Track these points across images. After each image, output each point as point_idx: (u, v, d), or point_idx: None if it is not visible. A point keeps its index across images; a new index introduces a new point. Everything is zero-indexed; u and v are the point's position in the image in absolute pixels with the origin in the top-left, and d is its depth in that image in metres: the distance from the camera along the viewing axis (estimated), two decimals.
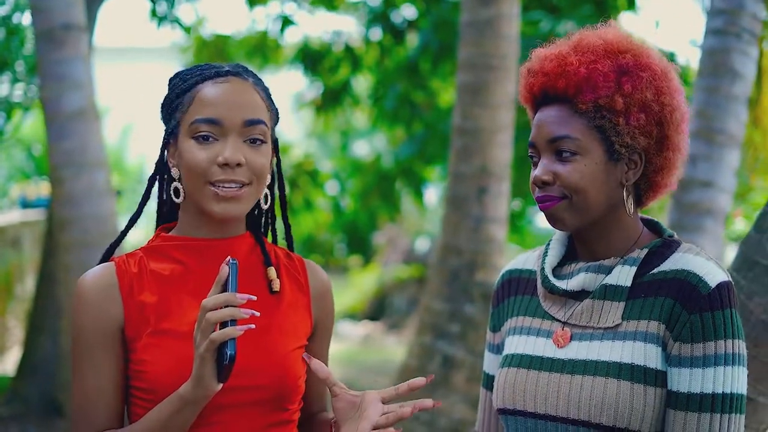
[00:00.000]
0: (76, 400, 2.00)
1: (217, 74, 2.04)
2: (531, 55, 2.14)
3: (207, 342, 1.79)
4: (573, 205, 2.02)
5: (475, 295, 5.27)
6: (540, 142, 2.05)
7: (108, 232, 5.36)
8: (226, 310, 1.79)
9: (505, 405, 2.11)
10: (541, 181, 2.03)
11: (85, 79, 5.41)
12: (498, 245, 5.34)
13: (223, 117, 1.99)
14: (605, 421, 1.95)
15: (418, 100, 9.26)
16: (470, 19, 5.32)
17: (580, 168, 2.01)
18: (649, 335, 1.97)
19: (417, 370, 5.31)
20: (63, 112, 5.33)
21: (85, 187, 5.32)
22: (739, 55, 4.76)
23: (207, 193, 1.99)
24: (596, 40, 2.07)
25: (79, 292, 2.01)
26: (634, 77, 2.02)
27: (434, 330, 5.32)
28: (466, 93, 5.34)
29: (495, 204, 5.28)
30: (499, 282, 2.30)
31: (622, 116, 2.01)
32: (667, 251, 2.04)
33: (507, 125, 5.33)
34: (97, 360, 1.98)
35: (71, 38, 5.37)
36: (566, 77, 2.02)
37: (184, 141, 2.02)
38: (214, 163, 1.98)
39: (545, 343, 2.09)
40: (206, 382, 1.82)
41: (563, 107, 2.04)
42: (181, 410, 1.87)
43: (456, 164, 5.36)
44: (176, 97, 2.06)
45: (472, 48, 5.31)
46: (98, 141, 5.44)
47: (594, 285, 2.06)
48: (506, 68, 5.29)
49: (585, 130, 2.02)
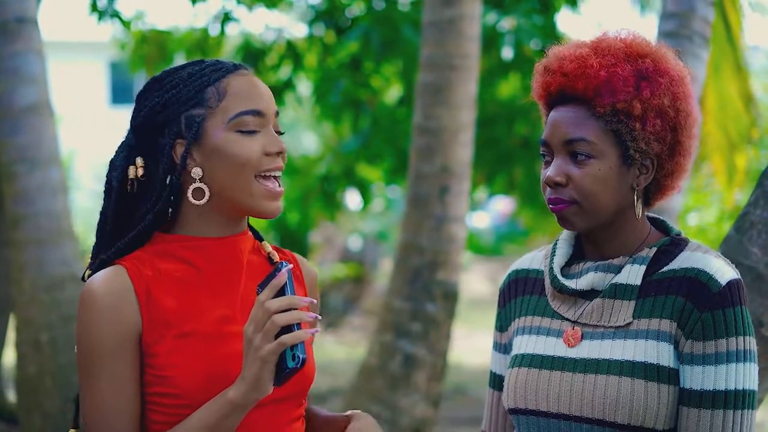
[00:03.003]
0: (90, 413, 1.90)
1: (235, 67, 2.01)
2: (548, 52, 2.13)
3: (275, 345, 1.75)
4: (583, 209, 2.03)
5: (437, 294, 5.29)
6: (555, 142, 2.05)
7: (62, 229, 5.27)
8: (293, 313, 1.76)
9: (517, 405, 2.12)
10: (554, 182, 2.03)
11: (38, 74, 5.32)
12: (459, 244, 5.36)
13: (264, 108, 1.97)
14: (620, 420, 1.97)
15: (363, 97, 9.25)
16: (432, 18, 5.34)
17: (593, 172, 2.01)
18: (661, 333, 1.99)
19: (378, 369, 5.31)
20: (16, 107, 5.23)
21: (39, 184, 5.22)
22: (691, 58, 4.82)
23: (258, 190, 1.95)
24: (617, 43, 2.07)
25: (90, 299, 1.91)
26: (653, 83, 2.03)
27: (395, 329, 5.32)
28: (427, 92, 5.35)
29: (456, 203, 5.30)
30: (505, 282, 2.30)
31: (639, 121, 2.02)
32: (675, 250, 2.06)
33: (468, 124, 5.36)
34: (114, 370, 1.89)
35: (24, 32, 5.27)
36: (586, 79, 2.02)
37: (224, 135, 1.94)
38: (264, 154, 1.95)
39: (556, 343, 2.10)
40: (263, 386, 1.78)
41: (580, 108, 2.04)
42: (230, 414, 1.82)
43: (417, 163, 5.37)
44: (193, 94, 1.96)
45: (434, 48, 5.33)
46: (52, 137, 5.34)
47: (603, 284, 2.07)
48: (468, 68, 5.31)
49: (601, 134, 2.02)
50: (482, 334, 11.23)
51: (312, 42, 9.34)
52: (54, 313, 5.25)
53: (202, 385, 1.88)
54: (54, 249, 5.18)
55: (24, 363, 5.33)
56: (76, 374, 5.46)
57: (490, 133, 8.55)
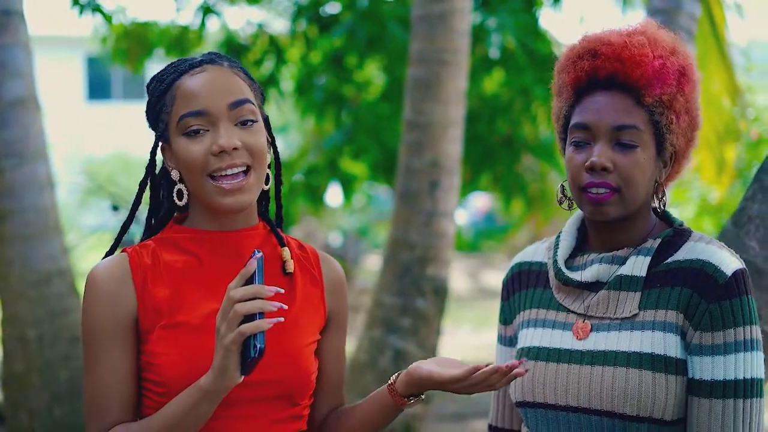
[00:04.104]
0: (89, 393, 1.96)
1: (191, 66, 2.01)
2: (584, 37, 2.11)
3: (235, 334, 1.76)
4: (623, 198, 2.03)
5: (427, 290, 5.28)
6: (601, 127, 2.04)
7: (49, 224, 5.24)
8: (255, 302, 1.76)
9: (525, 398, 2.12)
10: (603, 167, 2.02)
11: (25, 68, 5.28)
12: (448, 240, 5.35)
13: (208, 106, 1.96)
14: (628, 411, 1.98)
15: (347, 93, 9.23)
16: (422, 13, 5.32)
17: (639, 160, 2.03)
18: (668, 325, 2.01)
19: (367, 364, 5.29)
20: (2, 101, 5.19)
21: (26, 179, 5.18)
22: None
23: (210, 189, 1.97)
24: (664, 36, 2.08)
25: (92, 284, 1.97)
26: (689, 80, 2.07)
27: (385, 324, 5.31)
28: (417, 87, 5.33)
29: (446, 198, 5.29)
30: (508, 275, 2.31)
31: (676, 115, 2.05)
32: (679, 240, 2.08)
33: (458, 120, 5.34)
34: (111, 352, 1.95)
35: (11, 25, 5.23)
36: (642, 68, 2.02)
37: (176, 140, 1.99)
38: (209, 154, 1.95)
39: (563, 335, 2.11)
40: (230, 374, 1.79)
41: (627, 96, 2.04)
42: (200, 402, 1.84)
43: (407, 158, 5.36)
44: (158, 99, 2.02)
45: (423, 42, 5.31)
46: (39, 131, 5.31)
47: (608, 276, 2.08)
48: (458, 63, 5.30)
49: (646, 124, 2.04)
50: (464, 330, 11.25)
51: (295, 37, 9.31)
52: (41, 308, 5.21)
53: (185, 376, 1.91)
54: (41, 244, 5.15)
55: (11, 359, 5.29)
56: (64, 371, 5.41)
57: (473, 130, 8.54)
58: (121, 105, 23.74)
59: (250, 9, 10.03)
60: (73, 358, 5.25)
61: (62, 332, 5.25)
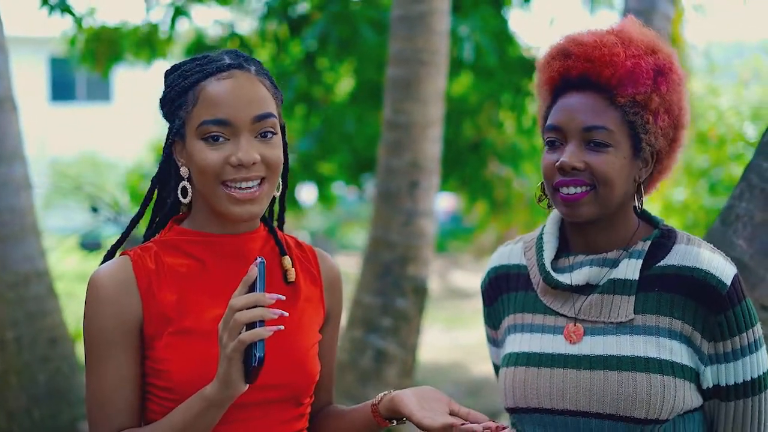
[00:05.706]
0: (93, 399, 1.94)
1: (218, 69, 1.96)
2: (562, 38, 2.12)
3: (235, 343, 1.76)
4: (598, 197, 2.03)
5: (407, 289, 5.29)
6: (571, 128, 2.04)
7: (26, 225, 5.20)
8: (255, 311, 1.76)
9: (517, 404, 2.12)
10: (572, 167, 2.02)
11: (1, 69, 5.23)
12: (428, 239, 5.37)
13: (232, 117, 1.93)
14: (637, 414, 2.00)
15: (317, 95, 9.22)
16: (401, 13, 5.34)
17: (611, 160, 2.02)
18: (673, 332, 2.03)
19: (348, 364, 5.30)
20: None
21: (4, 179, 5.15)
22: None
23: (222, 195, 1.95)
24: (639, 36, 2.08)
25: (95, 289, 1.95)
26: (668, 79, 2.06)
27: (366, 324, 5.32)
28: (396, 87, 5.34)
29: (425, 198, 5.31)
30: (486, 279, 2.29)
31: (653, 115, 2.04)
32: (668, 242, 2.09)
33: (437, 120, 5.37)
34: (116, 358, 1.93)
35: None
36: (613, 67, 2.02)
37: (192, 142, 1.96)
38: (227, 164, 1.93)
39: (554, 339, 2.10)
40: (234, 384, 1.79)
41: (599, 97, 2.04)
42: (205, 412, 1.84)
43: (387, 158, 5.37)
44: (178, 95, 1.99)
45: (403, 43, 5.32)
46: (16, 132, 5.27)
47: (599, 278, 2.08)
48: (437, 63, 5.32)
49: (619, 124, 2.03)
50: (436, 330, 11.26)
51: (264, 38, 9.28)
52: (19, 310, 5.18)
53: (195, 382, 1.90)
54: (18, 246, 5.11)
55: None
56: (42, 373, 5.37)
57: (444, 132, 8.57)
58: (85, 107, 23.54)
59: (219, 9, 9.99)
60: (52, 360, 5.22)
61: (40, 334, 5.21)
